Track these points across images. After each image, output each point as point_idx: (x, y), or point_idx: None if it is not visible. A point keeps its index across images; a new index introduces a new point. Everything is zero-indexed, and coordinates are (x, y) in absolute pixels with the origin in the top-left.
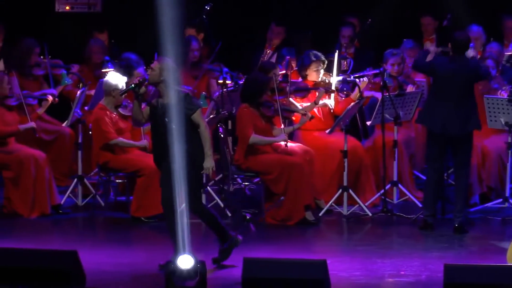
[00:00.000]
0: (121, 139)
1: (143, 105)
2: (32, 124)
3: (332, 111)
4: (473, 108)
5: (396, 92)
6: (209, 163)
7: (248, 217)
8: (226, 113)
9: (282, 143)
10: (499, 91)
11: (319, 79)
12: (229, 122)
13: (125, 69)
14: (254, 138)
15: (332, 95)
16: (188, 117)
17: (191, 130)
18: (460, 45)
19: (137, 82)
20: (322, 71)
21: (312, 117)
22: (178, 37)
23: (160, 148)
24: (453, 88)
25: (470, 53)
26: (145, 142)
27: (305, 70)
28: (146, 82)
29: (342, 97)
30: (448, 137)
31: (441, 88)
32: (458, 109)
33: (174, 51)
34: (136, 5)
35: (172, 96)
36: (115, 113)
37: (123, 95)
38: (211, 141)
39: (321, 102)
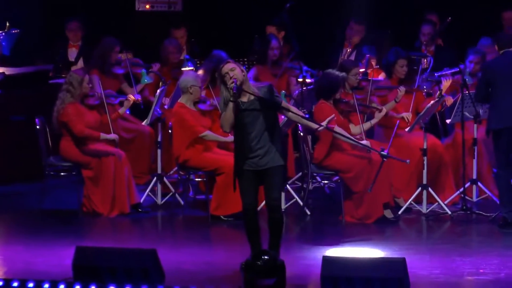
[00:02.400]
0: (209, 132)
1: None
2: (114, 136)
3: (408, 122)
4: None
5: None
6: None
7: (385, 153)
8: (306, 111)
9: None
10: None
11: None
12: None
13: (216, 66)
14: (339, 129)
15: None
16: (279, 105)
17: (275, 124)
18: (505, 42)
19: (236, 88)
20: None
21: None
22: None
23: (246, 150)
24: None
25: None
26: (232, 138)
27: (390, 67)
28: (239, 82)
29: (423, 95)
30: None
31: (501, 86)
32: None
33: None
34: (217, 4)
35: (257, 89)
36: (195, 109)
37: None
38: (290, 140)
39: (397, 115)
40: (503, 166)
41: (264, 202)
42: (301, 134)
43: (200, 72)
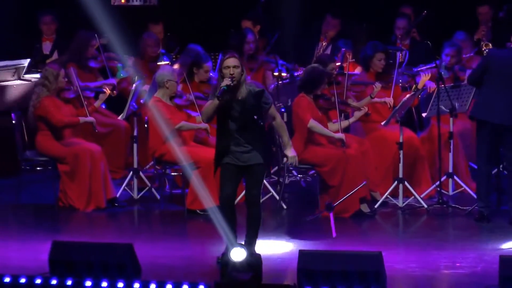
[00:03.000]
0: (184, 122)
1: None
2: (92, 119)
3: (390, 108)
4: None
5: (451, 84)
6: (293, 152)
7: (332, 206)
8: (282, 105)
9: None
10: None
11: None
12: (285, 114)
13: (194, 61)
14: (313, 123)
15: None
16: (266, 111)
17: (261, 126)
18: None
19: (229, 83)
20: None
21: (368, 114)
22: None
23: (227, 144)
24: (509, 78)
25: None
26: (205, 125)
27: (368, 61)
28: (234, 82)
29: (400, 89)
30: (503, 128)
31: (496, 79)
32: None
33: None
34: None
35: (248, 92)
36: (171, 104)
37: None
38: (267, 134)
39: (380, 99)
40: (484, 159)
41: (240, 196)
42: None
43: (176, 66)
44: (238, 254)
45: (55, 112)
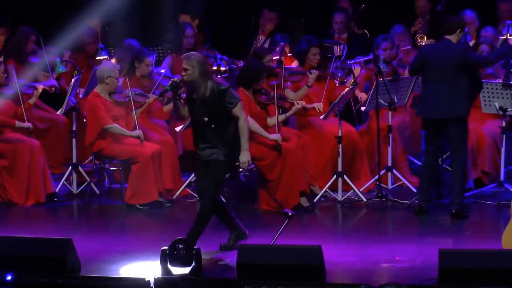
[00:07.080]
0: (115, 125)
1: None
2: (29, 124)
3: (320, 112)
4: (463, 93)
5: (390, 78)
6: (246, 157)
7: (290, 214)
8: None
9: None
10: (494, 76)
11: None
12: None
13: (136, 56)
14: (250, 121)
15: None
16: (229, 111)
17: (227, 124)
18: (444, 28)
19: (173, 84)
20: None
21: (306, 109)
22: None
23: (198, 141)
24: (441, 71)
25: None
26: (139, 132)
27: (303, 55)
28: (182, 83)
29: (336, 83)
30: (439, 121)
31: (430, 74)
32: (447, 93)
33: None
34: None
35: (208, 91)
36: (109, 100)
37: (163, 95)
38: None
39: (310, 105)
40: (428, 152)
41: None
42: None
43: (113, 61)
44: (178, 247)
45: None
